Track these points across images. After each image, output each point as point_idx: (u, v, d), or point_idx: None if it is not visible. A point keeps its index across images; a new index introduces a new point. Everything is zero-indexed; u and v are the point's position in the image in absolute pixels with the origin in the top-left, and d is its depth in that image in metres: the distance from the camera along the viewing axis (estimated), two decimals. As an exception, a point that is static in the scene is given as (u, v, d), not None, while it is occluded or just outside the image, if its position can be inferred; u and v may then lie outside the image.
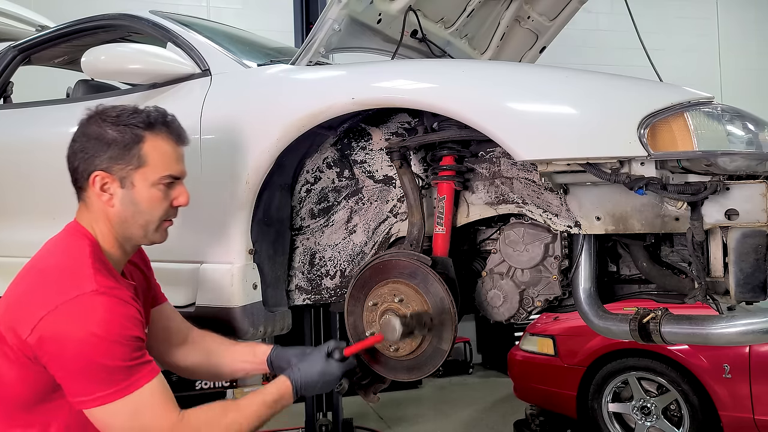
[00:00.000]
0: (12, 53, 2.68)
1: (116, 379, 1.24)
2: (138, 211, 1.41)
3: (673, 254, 1.71)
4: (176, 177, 1.45)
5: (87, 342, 1.22)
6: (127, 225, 1.41)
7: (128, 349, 1.25)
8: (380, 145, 1.92)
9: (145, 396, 1.27)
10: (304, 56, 1.88)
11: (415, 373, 1.68)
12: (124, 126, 1.39)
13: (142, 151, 1.39)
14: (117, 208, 1.40)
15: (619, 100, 1.48)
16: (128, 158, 1.38)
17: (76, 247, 1.37)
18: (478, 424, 5.04)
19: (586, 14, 4.40)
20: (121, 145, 1.38)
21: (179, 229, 1.95)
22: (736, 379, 3.44)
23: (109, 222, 1.41)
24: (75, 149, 1.42)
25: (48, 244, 1.42)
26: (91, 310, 1.24)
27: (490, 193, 1.82)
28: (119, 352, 1.24)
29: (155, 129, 1.41)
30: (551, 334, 4.26)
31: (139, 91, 2.15)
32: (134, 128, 1.39)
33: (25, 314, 1.25)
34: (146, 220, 1.42)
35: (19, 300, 1.30)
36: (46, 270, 1.33)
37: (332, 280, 1.99)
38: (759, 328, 1.45)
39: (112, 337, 1.23)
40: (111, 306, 1.26)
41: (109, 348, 1.23)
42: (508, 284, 1.81)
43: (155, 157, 1.40)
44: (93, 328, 1.22)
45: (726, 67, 7.78)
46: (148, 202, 1.41)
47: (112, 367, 1.23)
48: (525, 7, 2.72)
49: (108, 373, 1.23)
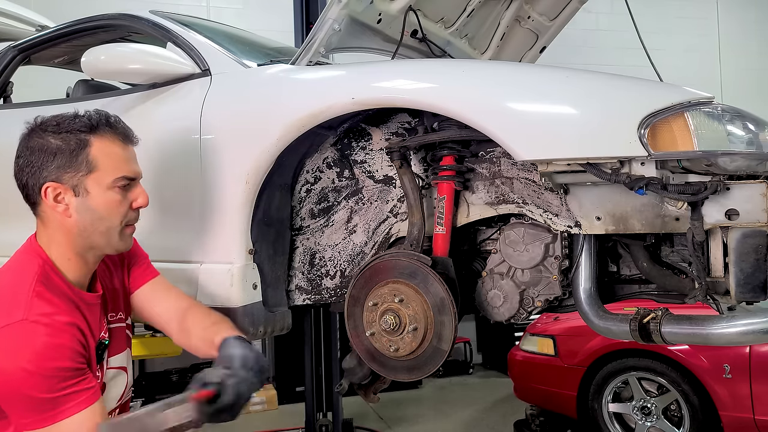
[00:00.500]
0: (12, 53, 2.68)
1: (43, 408, 1.21)
2: (97, 218, 1.36)
3: (673, 254, 1.71)
4: (131, 178, 1.41)
5: (14, 375, 1.19)
6: (87, 234, 1.36)
7: (54, 381, 1.21)
8: (380, 145, 1.92)
9: (72, 427, 1.23)
10: (304, 56, 1.88)
11: (415, 373, 1.68)
12: (66, 133, 1.34)
13: (90, 156, 1.34)
14: (74, 217, 1.35)
15: (620, 100, 1.48)
16: (77, 165, 1.33)
17: (24, 268, 1.33)
18: (478, 424, 5.04)
19: (586, 14, 4.40)
20: (67, 153, 1.33)
21: (179, 229, 1.96)
22: (737, 379, 3.44)
23: (68, 234, 1.36)
24: (21, 165, 1.36)
25: (6, 263, 1.39)
26: (18, 341, 1.21)
27: (490, 193, 1.81)
28: (45, 384, 1.21)
29: (99, 131, 1.37)
30: (551, 334, 4.25)
31: (139, 91, 2.15)
32: (78, 134, 1.35)
33: None
34: (107, 227, 1.38)
35: None
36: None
37: (332, 280, 1.99)
38: (759, 328, 1.45)
39: (39, 370, 1.20)
40: (39, 336, 1.22)
41: (35, 382, 1.20)
42: (509, 284, 1.81)
43: (105, 159, 1.36)
44: (20, 362, 1.19)
45: (726, 67, 7.78)
46: (105, 206, 1.36)
47: (38, 398, 1.21)
48: (525, 7, 2.72)
49: (35, 404, 1.21)
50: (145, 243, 1.90)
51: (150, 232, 2.02)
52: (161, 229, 1.99)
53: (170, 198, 1.98)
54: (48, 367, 1.21)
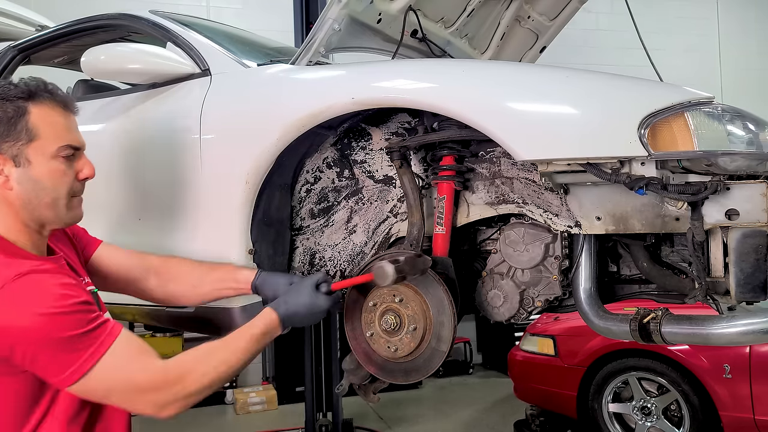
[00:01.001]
0: (12, 53, 2.68)
1: (82, 346, 1.19)
2: (41, 189, 1.29)
3: (673, 254, 1.71)
4: (75, 147, 1.34)
5: (37, 325, 1.16)
6: (32, 206, 1.29)
7: (81, 314, 1.20)
8: (380, 145, 1.92)
9: (119, 351, 1.22)
10: (304, 56, 1.87)
11: (414, 375, 1.68)
12: (2, 101, 1.27)
13: (29, 124, 1.27)
14: (16, 189, 1.28)
15: (620, 100, 1.47)
16: (15, 134, 1.27)
17: None
18: (478, 424, 5.04)
19: (586, 14, 4.40)
20: (4, 121, 1.26)
21: (179, 229, 1.95)
22: (737, 379, 3.44)
23: (11, 207, 1.29)
24: None
25: None
26: (27, 294, 1.17)
27: (490, 193, 1.81)
28: (74, 320, 1.19)
29: (38, 98, 1.30)
30: (551, 335, 4.26)
31: (138, 91, 2.15)
32: (15, 101, 1.28)
33: None
34: (52, 198, 1.31)
35: None
36: None
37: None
38: (759, 328, 1.45)
39: (57, 309, 1.17)
40: (45, 281, 1.19)
41: (62, 321, 1.17)
42: (509, 284, 1.80)
43: (45, 128, 1.29)
44: (39, 310, 1.16)
45: (726, 67, 7.78)
46: (49, 177, 1.29)
47: (71, 336, 1.18)
48: (525, 7, 2.72)
49: (71, 344, 1.18)
50: (145, 243, 1.90)
51: (149, 231, 2.03)
52: (161, 229, 1.99)
53: (170, 198, 1.98)
54: (69, 303, 1.19)
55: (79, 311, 1.21)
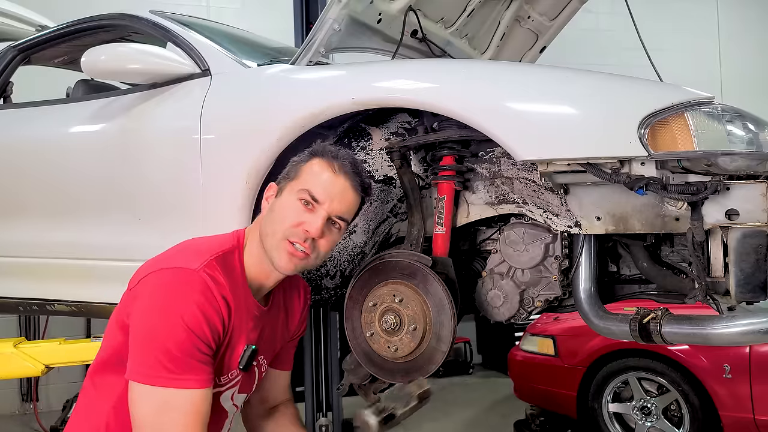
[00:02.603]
0: (12, 53, 2.68)
1: (167, 365, 1.21)
2: (271, 217, 1.40)
3: (673, 254, 1.71)
4: (314, 198, 1.38)
5: (163, 313, 1.22)
6: (263, 230, 1.40)
7: (191, 344, 1.23)
8: (380, 145, 1.92)
9: (182, 399, 1.22)
10: (304, 56, 1.87)
11: (414, 375, 1.68)
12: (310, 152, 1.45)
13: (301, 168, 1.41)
14: (264, 213, 1.43)
15: (620, 100, 1.48)
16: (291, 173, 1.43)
17: (221, 238, 1.41)
18: (478, 424, 5.04)
19: (586, 14, 4.39)
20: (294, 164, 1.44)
21: (179, 229, 1.95)
22: (737, 379, 3.43)
23: (259, 228, 1.42)
24: None
25: None
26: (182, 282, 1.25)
27: (490, 193, 1.81)
28: (183, 340, 1.22)
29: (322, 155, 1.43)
30: (551, 334, 4.25)
31: (138, 91, 2.15)
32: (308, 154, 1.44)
33: (141, 270, 1.32)
34: (273, 229, 1.38)
35: None
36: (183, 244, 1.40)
37: (332, 280, 1.99)
38: (759, 328, 1.45)
39: (185, 322, 1.22)
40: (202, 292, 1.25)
41: (177, 331, 1.21)
42: (509, 284, 1.80)
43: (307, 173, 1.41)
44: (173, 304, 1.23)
45: (726, 67, 7.77)
46: (280, 208, 1.40)
47: (168, 350, 1.21)
48: (525, 7, 2.72)
49: (161, 354, 1.21)
50: (145, 243, 1.90)
51: (149, 231, 2.03)
52: (161, 229, 1.99)
53: (170, 198, 1.98)
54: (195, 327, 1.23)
55: (193, 340, 1.23)
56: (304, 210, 1.37)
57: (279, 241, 1.36)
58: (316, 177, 1.39)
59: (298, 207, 1.37)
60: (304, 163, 1.42)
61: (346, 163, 1.42)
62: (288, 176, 1.42)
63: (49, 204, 2.32)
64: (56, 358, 2.40)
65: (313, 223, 1.36)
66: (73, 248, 2.26)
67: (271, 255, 1.37)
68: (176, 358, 1.21)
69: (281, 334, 1.57)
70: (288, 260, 1.37)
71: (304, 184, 1.39)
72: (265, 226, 1.39)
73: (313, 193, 1.37)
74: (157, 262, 1.32)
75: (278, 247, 1.36)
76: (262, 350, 1.48)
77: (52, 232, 2.30)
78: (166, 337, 1.22)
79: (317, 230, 1.36)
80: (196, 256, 1.30)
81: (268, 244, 1.37)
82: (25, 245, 2.39)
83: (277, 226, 1.37)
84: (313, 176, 1.39)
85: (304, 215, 1.37)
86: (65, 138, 2.30)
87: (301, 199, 1.37)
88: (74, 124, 2.29)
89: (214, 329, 1.27)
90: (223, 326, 1.30)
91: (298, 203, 1.38)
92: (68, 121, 2.32)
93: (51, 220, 2.31)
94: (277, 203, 1.40)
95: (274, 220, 1.38)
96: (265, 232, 1.38)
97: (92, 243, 2.20)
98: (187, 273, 1.26)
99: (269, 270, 1.41)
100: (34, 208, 2.37)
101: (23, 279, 2.41)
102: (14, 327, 4.84)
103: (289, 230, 1.36)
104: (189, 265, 1.27)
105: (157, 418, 1.22)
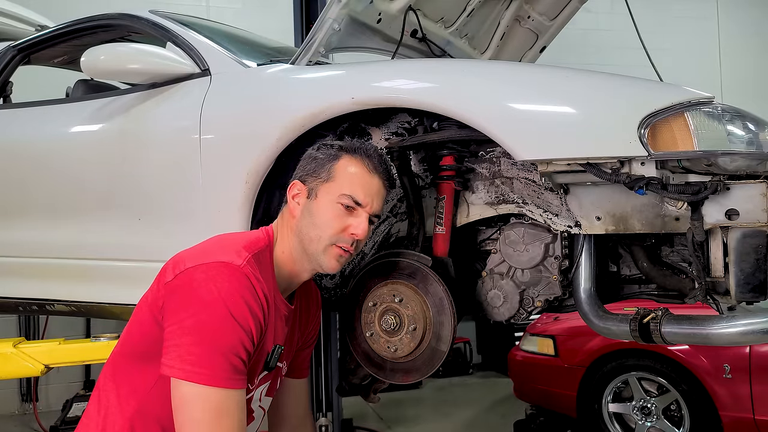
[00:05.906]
0: (12, 53, 2.68)
1: (216, 362, 1.17)
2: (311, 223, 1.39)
3: (673, 254, 1.71)
4: (357, 202, 1.39)
5: (215, 308, 1.19)
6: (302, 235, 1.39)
7: (239, 342, 1.20)
8: (380, 145, 1.91)
9: (233, 401, 1.19)
10: (304, 56, 1.87)
11: (413, 375, 1.68)
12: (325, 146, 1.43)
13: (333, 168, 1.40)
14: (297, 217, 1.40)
15: (620, 100, 1.47)
16: (320, 172, 1.40)
17: (254, 234, 1.40)
18: (478, 424, 5.04)
19: (586, 14, 4.39)
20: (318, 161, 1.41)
21: (179, 229, 1.95)
22: (737, 379, 3.43)
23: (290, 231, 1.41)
24: None
25: None
26: (230, 278, 1.22)
27: (490, 193, 1.81)
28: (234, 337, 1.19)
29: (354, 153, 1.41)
30: (551, 334, 4.25)
31: (138, 90, 2.15)
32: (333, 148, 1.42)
33: (177, 263, 1.27)
34: (317, 234, 1.38)
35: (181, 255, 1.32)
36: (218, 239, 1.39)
37: (332, 280, 1.99)
38: (759, 328, 1.45)
39: (235, 319, 1.20)
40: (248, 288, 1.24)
41: (229, 328, 1.19)
42: (509, 284, 1.80)
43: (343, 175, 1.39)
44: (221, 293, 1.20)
45: (726, 67, 7.77)
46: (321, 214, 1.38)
47: (218, 345, 1.18)
48: (525, 7, 2.72)
49: (211, 349, 1.17)
50: (145, 243, 1.90)
51: (149, 231, 2.03)
52: (161, 229, 1.99)
53: (170, 198, 1.98)
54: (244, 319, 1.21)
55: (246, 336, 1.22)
56: (347, 214, 1.38)
57: (327, 246, 1.38)
58: (356, 179, 1.39)
59: (340, 211, 1.38)
60: (335, 162, 1.39)
61: (378, 160, 1.43)
62: (317, 175, 1.39)
63: (49, 204, 2.32)
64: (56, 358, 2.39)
65: (360, 226, 1.38)
66: (73, 248, 2.26)
67: (318, 259, 1.39)
68: (230, 357, 1.19)
69: (298, 337, 1.56)
70: (336, 262, 1.40)
71: (344, 188, 1.38)
72: (306, 230, 1.38)
73: (356, 198, 1.38)
74: (196, 256, 1.27)
75: (326, 252, 1.38)
76: (285, 352, 1.47)
77: (52, 232, 2.30)
78: (220, 334, 1.18)
79: (364, 232, 1.39)
80: (237, 253, 1.28)
81: (313, 249, 1.38)
82: (25, 245, 2.39)
83: (322, 231, 1.37)
84: (351, 178, 1.38)
85: (348, 219, 1.38)
86: (65, 138, 2.30)
87: (344, 203, 1.38)
88: (74, 125, 2.29)
89: (258, 327, 1.26)
90: (264, 325, 1.29)
91: (339, 207, 1.37)
92: (68, 121, 2.32)
93: (51, 219, 2.31)
94: (314, 206, 1.38)
95: (317, 224, 1.37)
96: (309, 237, 1.38)
97: (92, 243, 2.20)
98: (233, 268, 1.24)
99: (300, 270, 1.42)
100: (33, 208, 2.37)
101: (23, 279, 2.41)
102: (14, 327, 4.84)
103: (337, 236, 1.37)
104: (234, 261, 1.25)
105: (216, 419, 1.17)
